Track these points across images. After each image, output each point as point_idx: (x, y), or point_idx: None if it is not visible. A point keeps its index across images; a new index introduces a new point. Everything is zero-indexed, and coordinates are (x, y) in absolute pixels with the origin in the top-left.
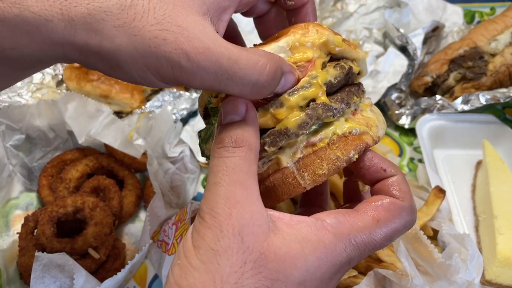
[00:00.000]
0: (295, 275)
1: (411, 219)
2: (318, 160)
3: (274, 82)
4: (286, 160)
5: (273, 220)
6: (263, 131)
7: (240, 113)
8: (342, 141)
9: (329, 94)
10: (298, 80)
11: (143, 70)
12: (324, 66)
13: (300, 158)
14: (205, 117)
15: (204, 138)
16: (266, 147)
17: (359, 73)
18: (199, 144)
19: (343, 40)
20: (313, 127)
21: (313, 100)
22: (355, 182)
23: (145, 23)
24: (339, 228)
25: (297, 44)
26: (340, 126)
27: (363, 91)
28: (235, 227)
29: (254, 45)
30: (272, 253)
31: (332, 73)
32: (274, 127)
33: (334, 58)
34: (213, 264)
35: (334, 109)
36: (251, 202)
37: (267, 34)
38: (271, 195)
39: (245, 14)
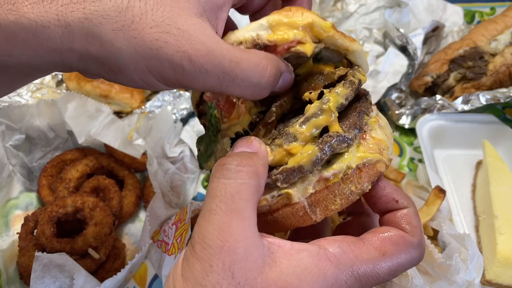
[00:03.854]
0: None
1: (418, 256)
2: (331, 196)
3: (274, 83)
4: (297, 196)
5: (272, 250)
6: (273, 167)
7: (253, 147)
8: (356, 174)
9: (339, 114)
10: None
11: (145, 73)
12: (318, 59)
13: (312, 193)
14: (200, 116)
15: (205, 154)
16: (278, 184)
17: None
18: (198, 158)
19: (333, 27)
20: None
21: (326, 127)
22: None
23: (144, 26)
24: (343, 259)
25: (279, 24)
26: (354, 158)
27: (370, 103)
28: (225, 262)
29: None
30: None
31: (343, 94)
32: (287, 163)
33: (326, 47)
34: None
35: (348, 139)
36: (246, 235)
37: None
38: (277, 225)
39: (241, 11)
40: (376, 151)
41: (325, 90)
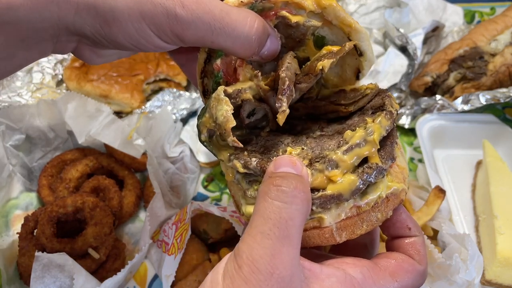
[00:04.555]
0: None
1: (422, 282)
2: (360, 222)
3: (262, 39)
4: (329, 220)
5: (305, 275)
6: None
7: (298, 168)
8: (384, 203)
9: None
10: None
11: (139, 21)
12: (322, 45)
13: (343, 219)
14: (204, 94)
15: (200, 114)
16: (313, 208)
17: (361, 55)
18: (197, 126)
19: (337, 4)
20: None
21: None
22: None
23: None
24: (364, 285)
25: None
26: (385, 187)
27: (396, 129)
28: None
29: None
30: None
31: (384, 125)
32: (325, 188)
33: (328, 22)
34: None
35: (385, 170)
36: (293, 263)
37: None
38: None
39: None
40: (401, 180)
41: (368, 119)
